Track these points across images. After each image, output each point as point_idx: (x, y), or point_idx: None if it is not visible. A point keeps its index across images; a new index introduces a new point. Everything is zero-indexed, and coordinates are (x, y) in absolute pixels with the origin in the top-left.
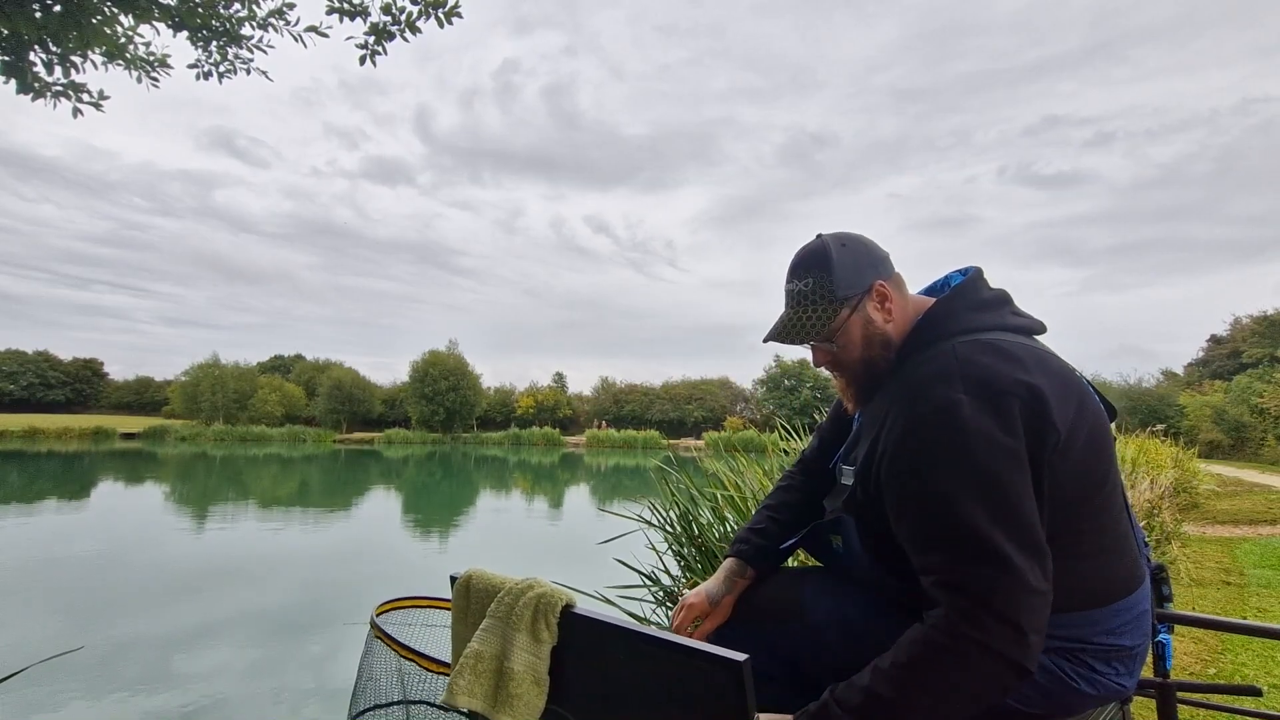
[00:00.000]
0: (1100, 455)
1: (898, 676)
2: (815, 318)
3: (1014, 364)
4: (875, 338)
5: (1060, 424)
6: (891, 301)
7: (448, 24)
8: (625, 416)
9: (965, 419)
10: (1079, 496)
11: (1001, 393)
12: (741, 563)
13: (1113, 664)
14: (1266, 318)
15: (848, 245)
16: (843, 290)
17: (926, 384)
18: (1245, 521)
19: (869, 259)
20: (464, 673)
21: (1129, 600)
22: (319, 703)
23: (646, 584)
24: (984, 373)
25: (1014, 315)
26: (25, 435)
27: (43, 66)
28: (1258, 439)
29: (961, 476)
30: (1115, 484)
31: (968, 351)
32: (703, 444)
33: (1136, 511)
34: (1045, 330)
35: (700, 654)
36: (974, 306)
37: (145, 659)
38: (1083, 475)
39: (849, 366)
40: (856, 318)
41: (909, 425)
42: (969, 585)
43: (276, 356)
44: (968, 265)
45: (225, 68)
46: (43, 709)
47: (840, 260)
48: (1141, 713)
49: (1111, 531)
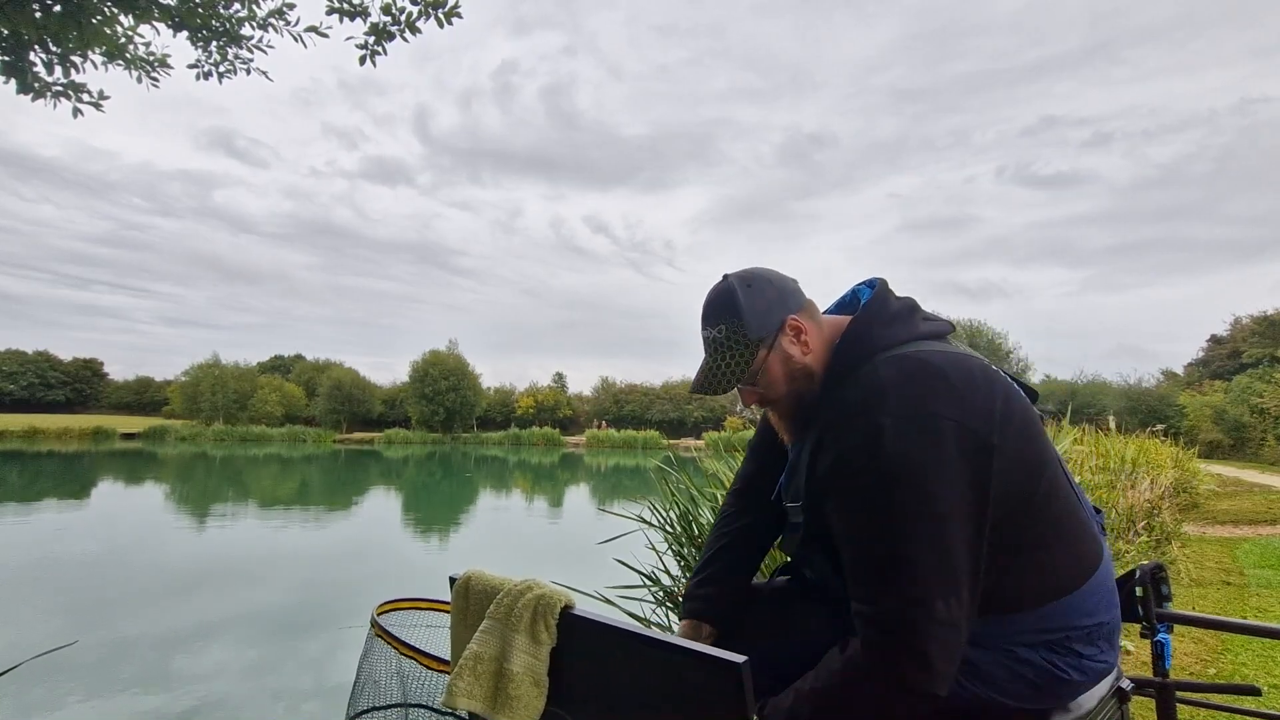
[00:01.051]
0: (1034, 441)
1: (815, 701)
2: (734, 363)
3: (935, 375)
4: (796, 371)
5: (989, 421)
6: (806, 333)
7: (448, 24)
8: (625, 416)
9: (891, 445)
10: (1025, 487)
11: (929, 411)
12: (695, 623)
13: (1096, 643)
14: (1266, 318)
15: (753, 285)
16: (755, 332)
17: (853, 411)
18: (1245, 521)
19: (777, 295)
20: (463, 674)
21: (1098, 575)
22: (317, 702)
23: (646, 584)
24: (907, 391)
25: (925, 321)
26: (25, 435)
27: (43, 66)
28: (1258, 439)
29: (887, 508)
30: (1055, 465)
31: (890, 370)
32: (703, 444)
33: (1137, 511)
34: (953, 329)
35: (700, 656)
36: (886, 320)
37: (144, 658)
38: (1022, 465)
39: (777, 403)
40: (774, 356)
41: (839, 454)
42: (882, 619)
43: (276, 356)
44: (874, 277)
45: (225, 68)
46: (41, 708)
47: (748, 302)
48: (1141, 713)
49: (1066, 513)
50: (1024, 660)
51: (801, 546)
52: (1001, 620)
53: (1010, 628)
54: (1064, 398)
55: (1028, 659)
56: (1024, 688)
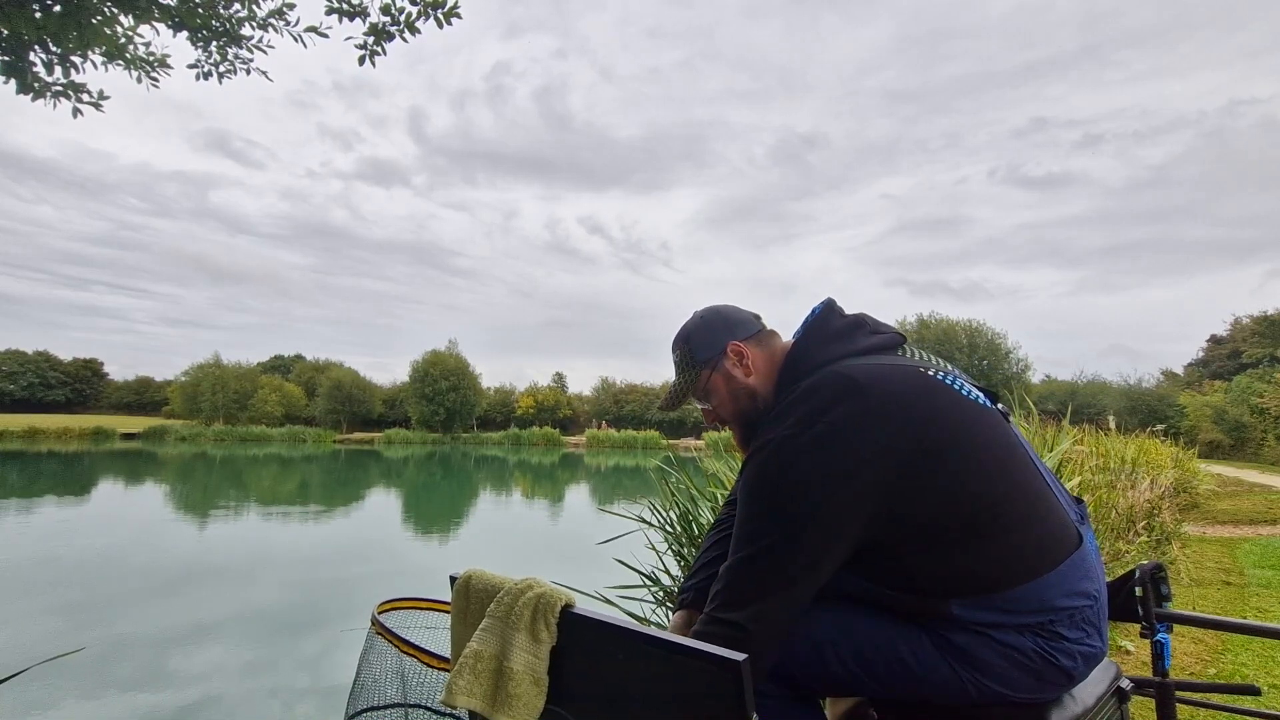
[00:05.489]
0: (986, 438)
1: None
2: (685, 382)
3: (845, 388)
4: (739, 391)
5: (910, 427)
6: (748, 357)
7: (447, 24)
8: (625, 416)
9: (783, 456)
10: (980, 482)
11: (825, 421)
12: (687, 613)
13: (1081, 626)
14: (1266, 318)
15: (705, 317)
16: (701, 354)
17: (769, 423)
18: (1245, 521)
19: (724, 325)
20: (463, 673)
21: (1074, 559)
22: (316, 702)
23: (646, 584)
24: (813, 403)
25: (869, 335)
26: (25, 435)
27: (43, 66)
28: (1258, 439)
29: (756, 511)
30: (1020, 458)
31: (808, 384)
32: (703, 444)
33: (1137, 511)
34: (905, 339)
35: (700, 654)
36: (823, 340)
37: (142, 658)
38: (969, 461)
39: (728, 420)
40: (718, 376)
41: (746, 461)
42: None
43: (276, 356)
44: (826, 298)
45: (225, 68)
46: (40, 708)
47: (696, 330)
48: (1141, 712)
49: (1031, 500)
50: (1012, 645)
51: None
52: (978, 603)
53: (989, 608)
54: (1064, 398)
55: (1015, 643)
56: (1018, 673)
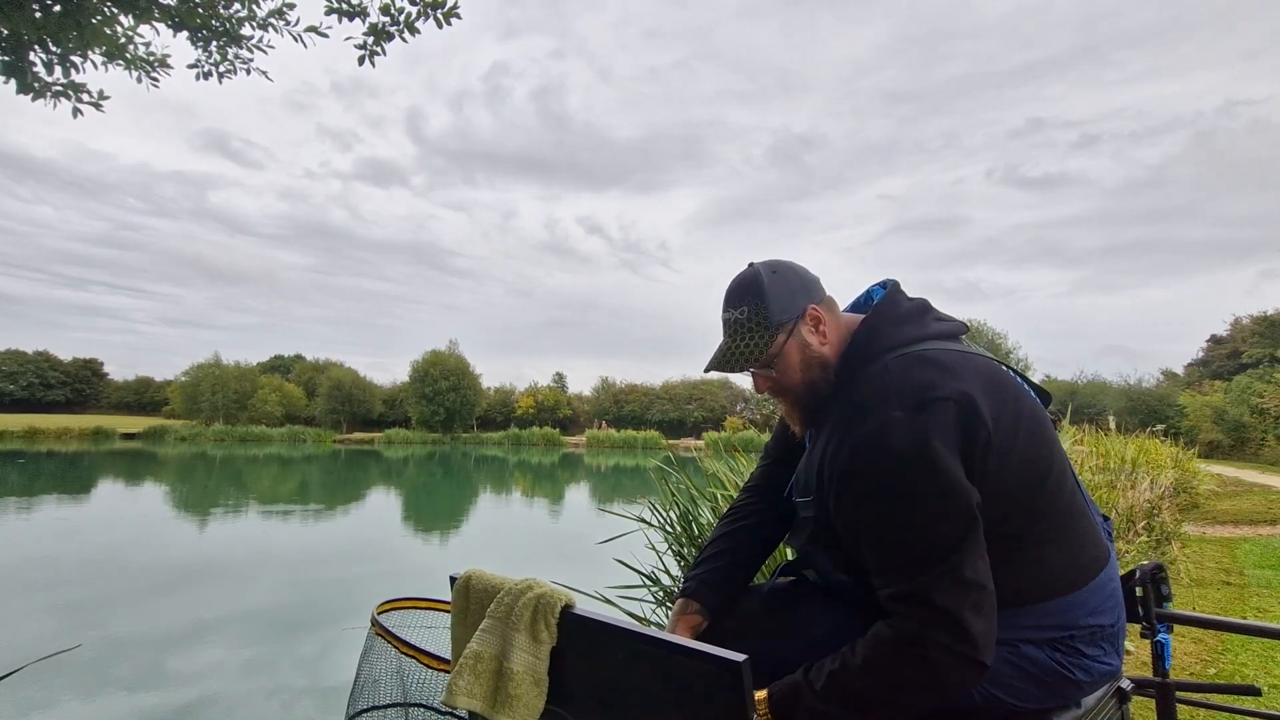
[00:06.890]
0: (1042, 443)
1: (851, 681)
2: (753, 344)
3: (945, 372)
4: (813, 360)
5: (992, 422)
6: (825, 324)
7: (446, 24)
8: (625, 416)
9: (902, 433)
10: (1029, 486)
11: (933, 397)
12: (686, 601)
13: (1100, 644)
14: (1266, 318)
15: (779, 272)
16: (777, 316)
17: (865, 406)
18: (1245, 521)
19: (800, 284)
20: (463, 673)
21: (1102, 577)
22: (315, 702)
23: (646, 584)
24: (917, 388)
25: (936, 321)
26: (25, 435)
27: (43, 66)
28: (1258, 439)
29: (903, 496)
30: (1063, 468)
31: (900, 367)
32: (703, 444)
33: (1137, 512)
34: (967, 330)
35: (700, 654)
36: (896, 321)
37: (142, 657)
38: (1028, 465)
39: (790, 390)
40: (793, 342)
41: (853, 449)
42: (912, 594)
43: (276, 356)
44: (887, 279)
45: (225, 68)
46: (39, 707)
47: (772, 287)
48: (1141, 712)
49: (1069, 513)
50: (1029, 658)
51: (809, 541)
52: (1004, 615)
53: (1014, 623)
54: (1064, 398)
55: (1033, 656)
56: (1029, 686)
